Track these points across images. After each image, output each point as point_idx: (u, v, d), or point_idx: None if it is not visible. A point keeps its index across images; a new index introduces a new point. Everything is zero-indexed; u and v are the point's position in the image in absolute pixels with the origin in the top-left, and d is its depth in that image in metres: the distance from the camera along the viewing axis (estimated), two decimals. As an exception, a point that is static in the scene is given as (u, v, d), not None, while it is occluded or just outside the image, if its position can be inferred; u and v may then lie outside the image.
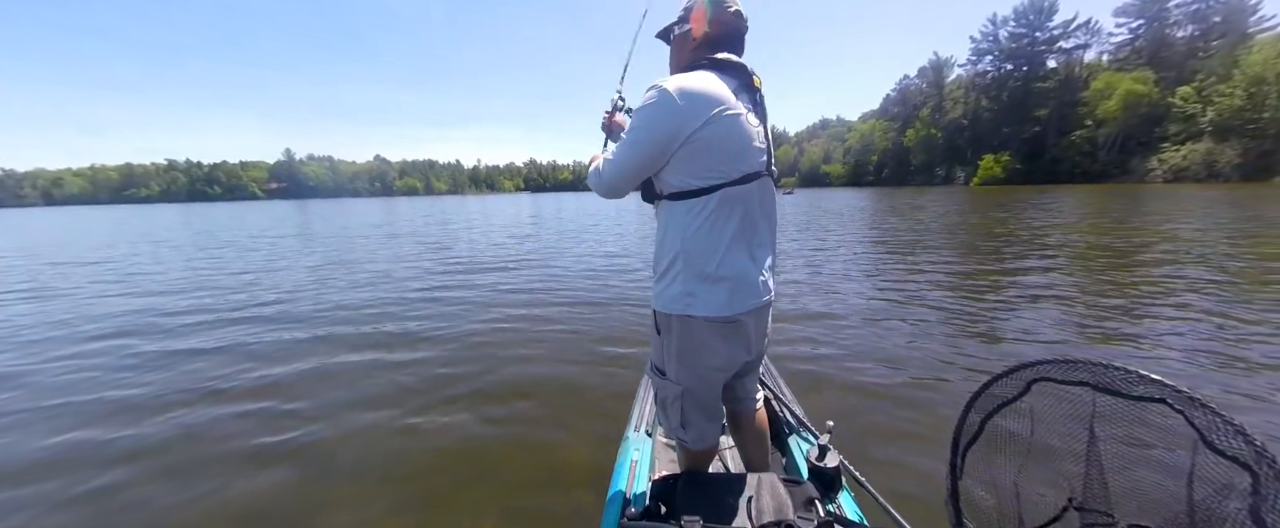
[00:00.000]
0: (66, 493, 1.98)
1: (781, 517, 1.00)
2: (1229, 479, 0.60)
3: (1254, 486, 0.57)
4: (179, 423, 2.56)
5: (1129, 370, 0.71)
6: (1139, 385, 0.69)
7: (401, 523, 1.77)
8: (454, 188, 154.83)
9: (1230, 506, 0.60)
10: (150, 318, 4.79)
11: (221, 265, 8.43)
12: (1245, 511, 0.58)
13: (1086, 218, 12.35)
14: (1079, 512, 0.77)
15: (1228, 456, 0.60)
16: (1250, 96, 34.78)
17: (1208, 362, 2.91)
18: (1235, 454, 0.59)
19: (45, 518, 1.84)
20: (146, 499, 1.94)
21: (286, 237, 14.00)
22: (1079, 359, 0.77)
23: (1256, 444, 0.58)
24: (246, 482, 2.04)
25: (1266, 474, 0.57)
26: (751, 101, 1.07)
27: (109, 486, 2.03)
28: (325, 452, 2.26)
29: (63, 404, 2.82)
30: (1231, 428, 0.60)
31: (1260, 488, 0.57)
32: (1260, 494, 0.57)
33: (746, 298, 1.06)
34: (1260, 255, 6.27)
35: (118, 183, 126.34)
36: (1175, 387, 0.66)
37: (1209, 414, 0.62)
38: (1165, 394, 0.67)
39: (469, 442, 2.33)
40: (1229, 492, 0.60)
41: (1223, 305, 4.07)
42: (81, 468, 2.16)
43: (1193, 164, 37.52)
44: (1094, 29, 54.77)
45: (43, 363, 3.56)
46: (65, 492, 1.99)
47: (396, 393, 2.87)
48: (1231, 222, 10.11)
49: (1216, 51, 41.54)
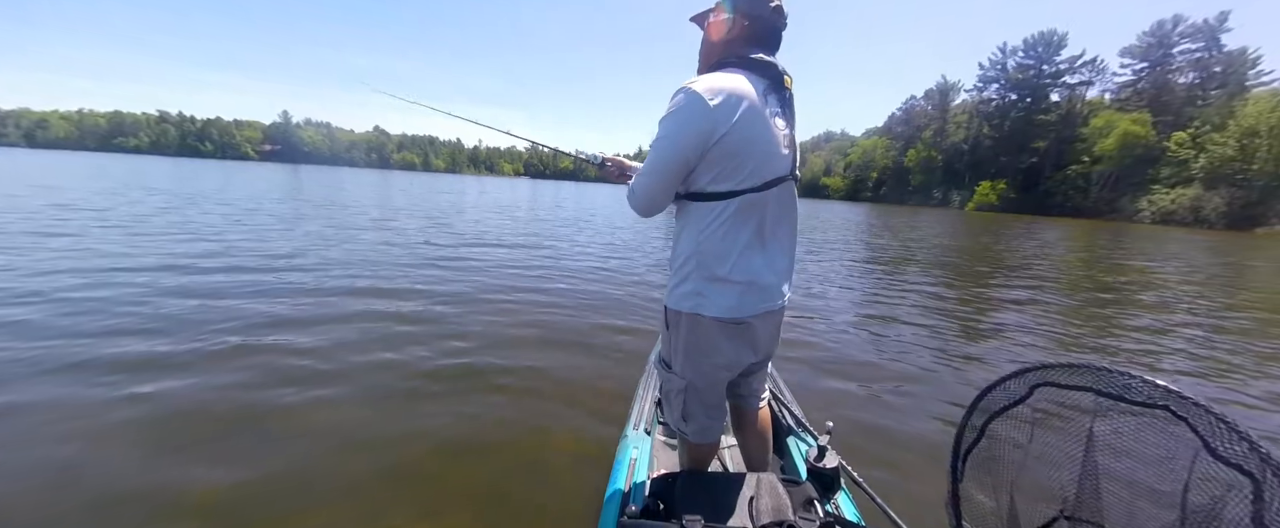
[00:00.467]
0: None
1: (781, 517, 1.00)
2: (1230, 487, 0.60)
3: (1256, 493, 0.57)
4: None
5: (1132, 376, 0.70)
6: (1142, 391, 0.69)
7: (398, 521, 1.72)
8: (453, 166, 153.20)
9: (1228, 514, 0.59)
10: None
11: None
12: (1247, 518, 0.58)
13: (1080, 250, 12.59)
14: (1069, 521, 0.77)
15: (1230, 462, 0.60)
16: (1242, 148, 35.63)
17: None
18: (1238, 461, 0.59)
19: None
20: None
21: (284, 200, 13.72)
22: (1082, 364, 0.77)
23: (1261, 450, 0.58)
24: (223, 472, 1.90)
25: (1270, 482, 0.56)
26: (780, 103, 1.06)
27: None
28: (316, 442, 2.19)
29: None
30: (1236, 434, 0.60)
31: (1263, 494, 0.57)
32: (1263, 501, 0.57)
33: (757, 302, 1.06)
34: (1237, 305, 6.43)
35: (106, 130, 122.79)
36: (1179, 392, 0.66)
37: (1214, 421, 0.62)
38: (1168, 400, 0.66)
39: (466, 440, 2.26)
40: (1227, 500, 0.60)
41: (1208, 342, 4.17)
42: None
43: (1180, 208, 38.39)
44: (1099, 67, 55.67)
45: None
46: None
47: (392, 388, 2.77)
48: (1222, 267, 10.36)
49: (1214, 101, 42.49)
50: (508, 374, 2.86)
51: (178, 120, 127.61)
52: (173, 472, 1.78)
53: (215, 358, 2.74)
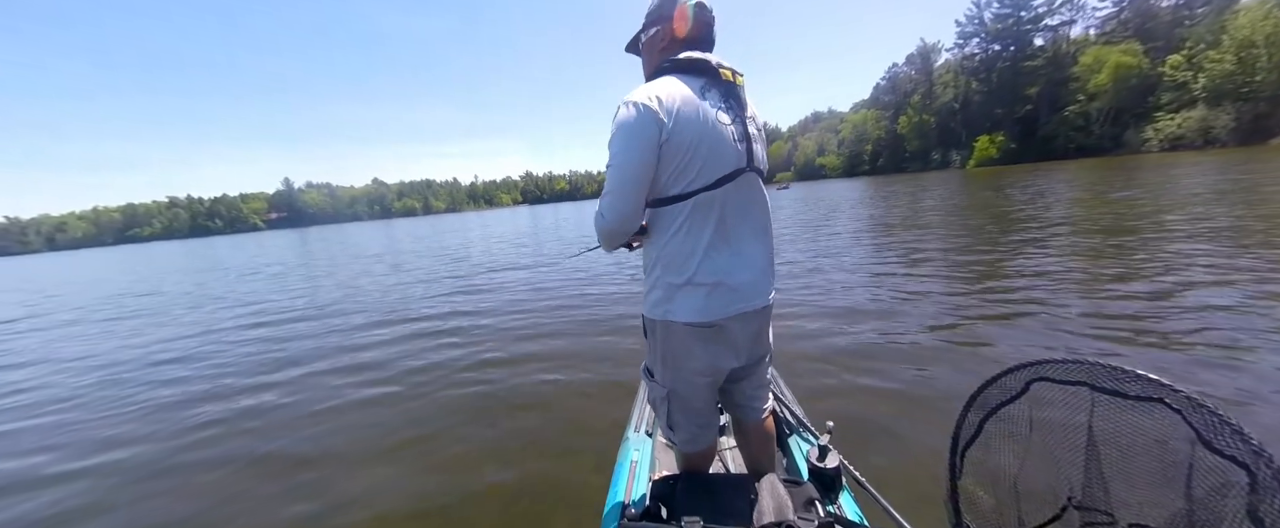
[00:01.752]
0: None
1: (782, 517, 1.00)
2: (1226, 478, 0.60)
3: (1251, 484, 0.58)
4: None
5: (1126, 370, 0.71)
6: (1136, 385, 0.70)
7: (401, 522, 1.78)
8: (452, 206, 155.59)
9: (1228, 505, 0.60)
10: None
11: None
12: (1243, 510, 0.58)
13: (1085, 194, 12.30)
14: (1079, 511, 0.77)
15: (1225, 455, 0.60)
16: (1241, 61, 34.66)
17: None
18: (1233, 453, 0.60)
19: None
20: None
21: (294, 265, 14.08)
22: (1077, 359, 0.78)
23: (1253, 443, 0.58)
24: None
25: (1264, 473, 0.57)
26: (722, 97, 1.05)
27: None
28: (331, 444, 2.29)
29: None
30: (1229, 428, 0.60)
31: (1258, 487, 0.58)
32: (1258, 493, 0.57)
33: (728, 303, 1.05)
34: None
35: (121, 224, 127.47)
36: (1172, 386, 0.66)
37: (1207, 414, 0.63)
38: (1163, 394, 0.67)
39: (466, 441, 2.34)
40: (1226, 491, 0.60)
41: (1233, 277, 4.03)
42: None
43: (1188, 132, 37.29)
44: (1078, 4, 54.78)
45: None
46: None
47: (398, 393, 2.89)
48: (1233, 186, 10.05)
49: (1202, 18, 41.47)
50: (513, 389, 2.92)
51: (187, 203, 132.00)
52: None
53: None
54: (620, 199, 1.01)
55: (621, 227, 1.04)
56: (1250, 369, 2.46)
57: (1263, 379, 2.35)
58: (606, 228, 1.05)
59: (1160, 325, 3.19)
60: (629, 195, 1.01)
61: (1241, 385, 2.31)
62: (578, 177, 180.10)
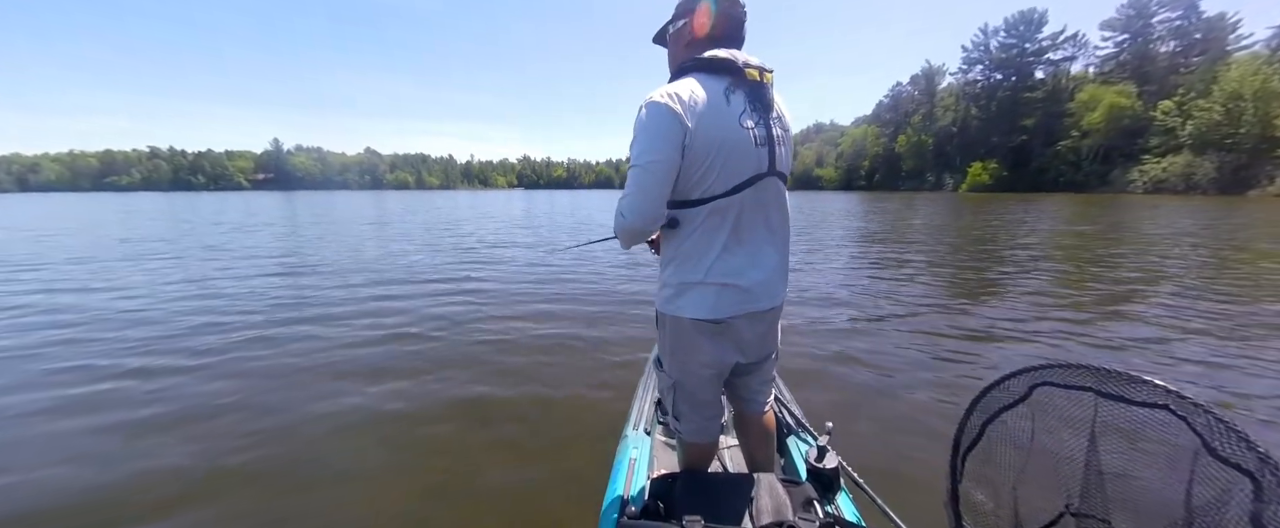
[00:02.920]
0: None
1: (781, 517, 1.00)
2: (1230, 486, 0.60)
3: (1256, 492, 0.58)
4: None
5: (1132, 376, 0.71)
6: (1142, 391, 0.70)
7: (399, 521, 1.76)
8: (446, 183, 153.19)
9: (1230, 513, 0.60)
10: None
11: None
12: (1246, 518, 0.58)
13: (1075, 225, 12.62)
14: (1075, 518, 0.78)
15: (1230, 462, 0.60)
16: (1228, 112, 35.75)
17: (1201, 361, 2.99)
18: (1238, 461, 0.60)
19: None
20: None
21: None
22: (1082, 364, 0.78)
23: (1259, 451, 0.58)
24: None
25: (1269, 481, 0.57)
26: (747, 99, 1.03)
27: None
28: (326, 445, 2.23)
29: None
30: (1235, 435, 0.60)
31: (1262, 495, 0.57)
32: (1262, 501, 0.57)
33: (736, 303, 1.07)
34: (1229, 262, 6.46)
35: (98, 170, 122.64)
36: (1178, 393, 0.66)
37: (1213, 421, 0.62)
38: (1168, 400, 0.67)
39: (466, 441, 2.30)
40: (1230, 499, 0.60)
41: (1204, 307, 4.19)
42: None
43: (1171, 176, 38.47)
44: (1081, 42, 55.98)
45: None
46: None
47: (392, 387, 2.84)
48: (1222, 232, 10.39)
49: (1197, 67, 42.66)
50: (512, 386, 2.88)
51: (169, 155, 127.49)
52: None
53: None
54: (642, 200, 1.00)
55: (643, 226, 1.03)
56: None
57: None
58: (627, 227, 1.03)
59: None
60: (651, 196, 1.00)
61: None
62: (576, 165, 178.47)
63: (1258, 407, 2.46)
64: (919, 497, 1.71)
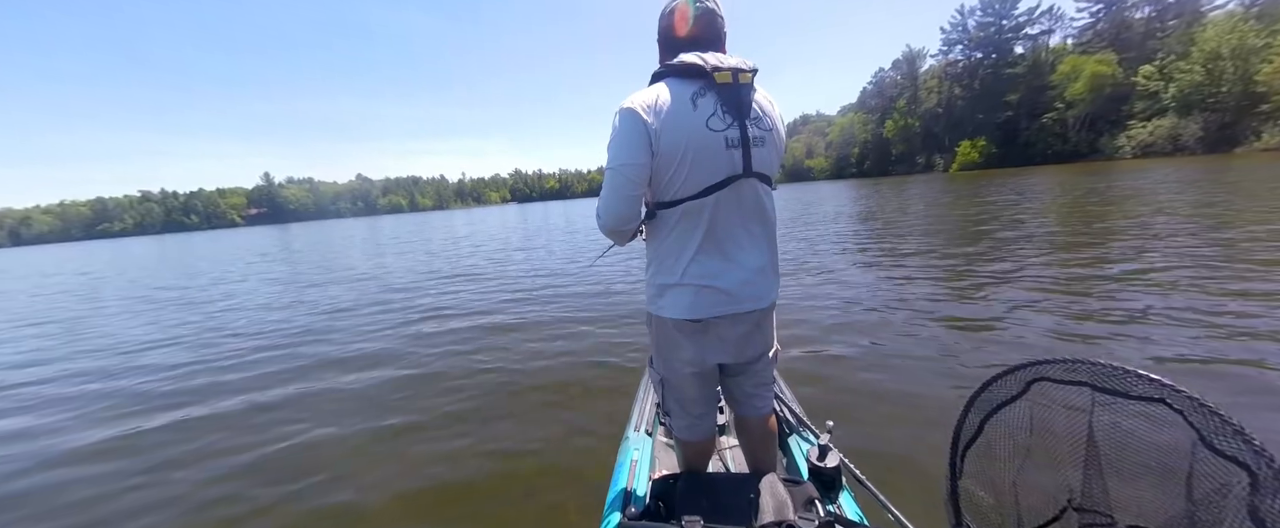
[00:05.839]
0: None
1: (782, 517, 1.00)
2: (1227, 479, 0.60)
3: (1252, 485, 0.58)
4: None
5: (1128, 371, 0.72)
6: (1138, 386, 0.70)
7: (399, 522, 1.76)
8: (439, 203, 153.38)
9: (1228, 506, 0.60)
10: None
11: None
12: (1244, 511, 0.58)
13: (1064, 198, 12.66)
14: (1077, 512, 0.78)
15: (1227, 456, 0.60)
16: (1208, 72, 36.01)
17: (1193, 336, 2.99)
18: (1234, 454, 0.60)
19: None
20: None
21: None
22: (1078, 359, 0.78)
23: (1255, 444, 0.58)
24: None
25: (1265, 474, 0.57)
26: (718, 102, 1.03)
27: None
28: (329, 453, 2.24)
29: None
30: (1230, 428, 0.60)
31: (1259, 488, 0.58)
32: (1259, 494, 0.57)
33: (716, 304, 1.10)
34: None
35: (90, 218, 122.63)
36: (1174, 387, 0.67)
37: (1208, 414, 0.63)
38: (1164, 394, 0.67)
39: (465, 441, 2.32)
40: (1227, 492, 0.60)
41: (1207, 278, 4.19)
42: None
43: (1158, 139, 38.68)
44: (1057, 14, 56.40)
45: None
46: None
47: (396, 397, 2.88)
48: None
49: (1173, 31, 43.03)
50: (513, 388, 2.90)
51: (161, 197, 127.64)
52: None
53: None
54: (615, 201, 1.07)
55: (618, 226, 1.10)
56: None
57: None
58: (604, 228, 1.12)
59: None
60: (623, 196, 1.06)
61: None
62: (568, 175, 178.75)
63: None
64: (923, 493, 1.72)
